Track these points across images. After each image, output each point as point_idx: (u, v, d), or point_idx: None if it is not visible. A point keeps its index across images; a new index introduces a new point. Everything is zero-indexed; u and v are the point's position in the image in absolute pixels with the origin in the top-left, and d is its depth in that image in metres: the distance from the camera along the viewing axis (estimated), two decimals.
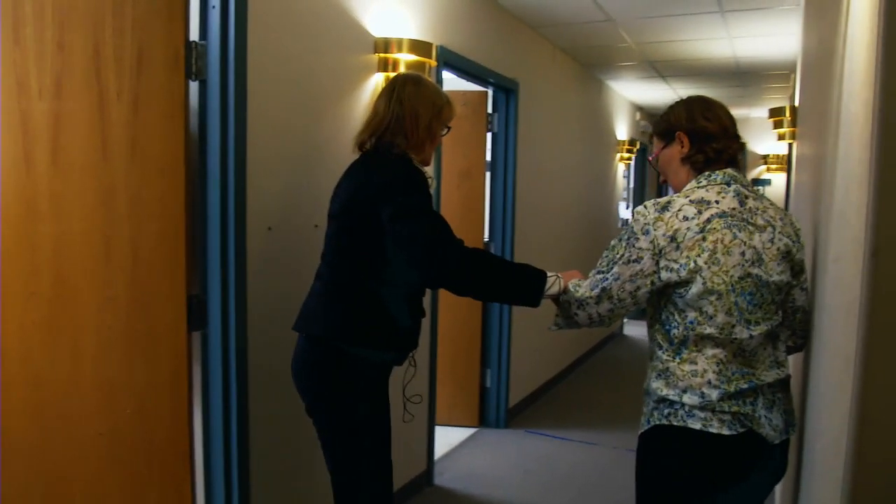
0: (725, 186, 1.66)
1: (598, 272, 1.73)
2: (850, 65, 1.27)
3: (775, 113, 4.97)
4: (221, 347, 2.26)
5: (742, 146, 1.78)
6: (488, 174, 4.56)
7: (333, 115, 2.69)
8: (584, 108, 6.30)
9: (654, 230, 1.62)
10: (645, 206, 1.67)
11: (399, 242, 1.87)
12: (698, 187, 1.68)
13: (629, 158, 7.77)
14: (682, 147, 1.74)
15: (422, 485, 3.58)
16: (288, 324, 2.48)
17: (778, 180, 8.07)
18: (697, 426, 1.60)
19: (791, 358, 2.09)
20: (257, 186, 2.30)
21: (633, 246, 1.64)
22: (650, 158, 1.91)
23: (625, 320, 8.36)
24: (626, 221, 8.36)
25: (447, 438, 4.32)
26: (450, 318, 4.24)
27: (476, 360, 4.54)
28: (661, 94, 7.34)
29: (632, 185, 8.73)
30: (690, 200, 1.64)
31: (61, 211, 2.12)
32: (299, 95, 2.50)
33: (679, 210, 1.62)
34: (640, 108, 8.47)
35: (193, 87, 2.18)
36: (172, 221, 2.17)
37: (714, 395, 1.59)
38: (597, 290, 1.70)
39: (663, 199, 1.67)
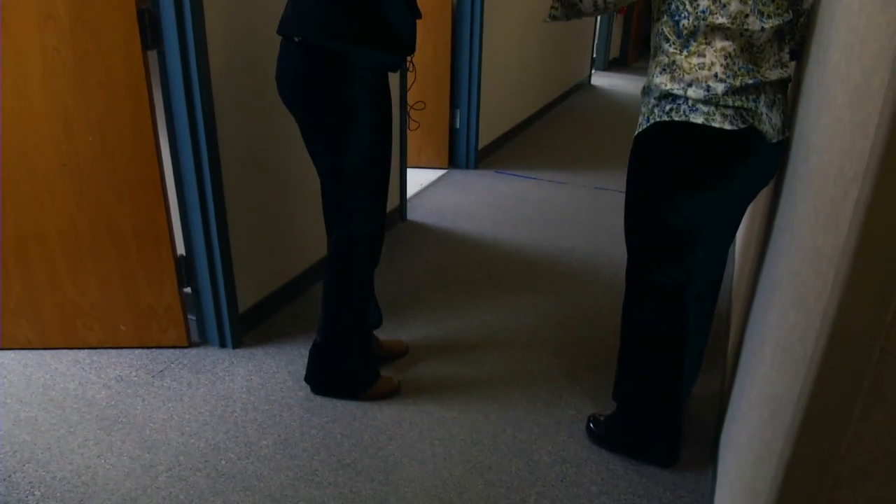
0: None
1: None
2: None
3: None
4: (181, 66, 2.07)
5: None
6: None
7: None
8: None
9: None
10: None
11: None
12: None
13: None
14: None
15: (395, 220, 3.62)
16: (252, 41, 2.29)
17: None
18: (700, 120, 1.59)
19: None
20: None
21: None
22: None
23: (593, 71, 8.17)
24: None
25: (417, 179, 4.32)
26: (418, 56, 4.02)
27: (445, 101, 4.40)
28: None
29: None
30: None
31: None
32: None
33: None
34: None
35: None
36: None
37: (720, 88, 1.56)
38: None
39: None
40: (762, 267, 1.82)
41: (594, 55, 8.37)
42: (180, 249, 2.35)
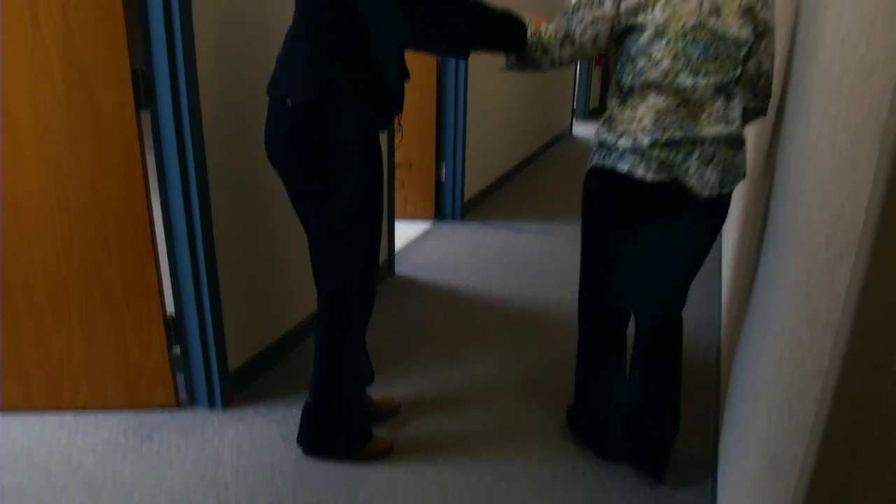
0: None
1: (564, 16, 1.78)
2: None
3: None
4: (174, 127, 2.09)
5: None
6: None
7: None
8: None
9: None
10: None
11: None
12: None
13: None
14: None
15: (383, 274, 3.63)
16: (244, 99, 2.32)
17: None
18: (625, 168, 1.75)
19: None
20: None
21: None
22: None
23: (574, 119, 8.33)
24: None
25: (404, 231, 4.34)
26: (404, 109, 4.08)
27: (431, 154, 4.46)
28: None
29: None
30: None
31: None
32: None
33: None
34: None
35: None
36: None
37: (645, 140, 1.71)
38: (561, 34, 1.77)
39: None
40: (748, 310, 1.84)
41: (574, 105, 8.54)
42: (170, 308, 2.33)
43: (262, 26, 2.36)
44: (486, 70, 4.78)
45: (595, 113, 9.54)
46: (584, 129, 8.35)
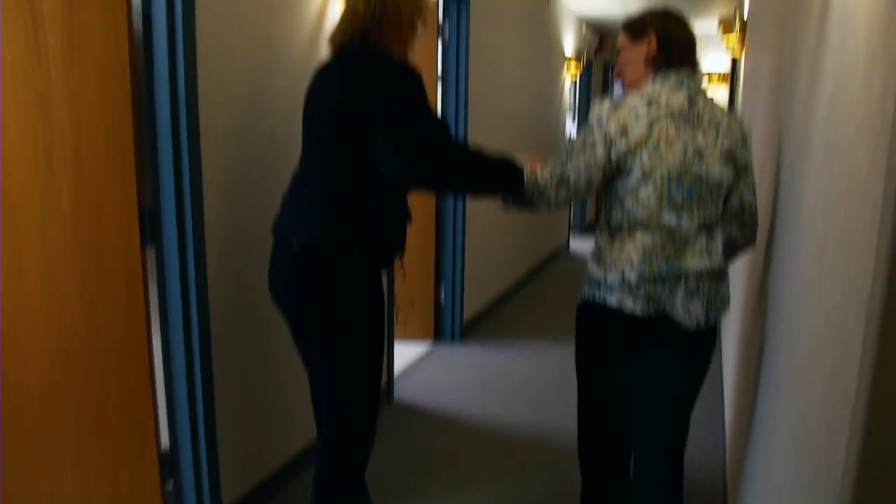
0: (677, 87, 1.79)
1: (558, 160, 1.86)
2: None
3: (725, 25, 4.95)
4: (179, 263, 2.14)
5: (697, 62, 1.91)
6: (439, 85, 4.42)
7: (289, 11, 2.51)
8: (533, 19, 6.14)
9: (608, 123, 1.76)
10: (601, 103, 1.81)
11: (398, 142, 1.80)
12: (652, 87, 1.80)
13: (576, 72, 7.69)
14: (650, 47, 1.84)
15: (382, 401, 3.58)
16: (248, 235, 2.38)
17: (719, 93, 8.15)
18: (614, 303, 1.81)
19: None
20: (208, 88, 2.14)
21: (589, 137, 1.78)
22: (612, 53, 2.02)
23: (571, 236, 8.47)
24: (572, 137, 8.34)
25: (403, 354, 4.32)
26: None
27: (430, 275, 4.51)
28: (609, 5, 7.22)
29: (577, 99, 8.67)
30: (643, 99, 1.77)
31: None
32: None
33: (632, 107, 1.76)
34: (586, 22, 8.33)
35: None
36: (118, 126, 2.01)
37: (633, 276, 1.77)
38: (556, 178, 1.84)
39: (617, 98, 1.81)
40: (748, 454, 1.81)
41: (571, 220, 8.70)
42: (164, 441, 2.30)
43: (270, 164, 2.45)
44: None
45: (592, 228, 9.71)
46: (580, 245, 8.47)
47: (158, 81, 2.02)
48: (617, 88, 2.04)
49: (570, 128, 8.13)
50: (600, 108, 1.80)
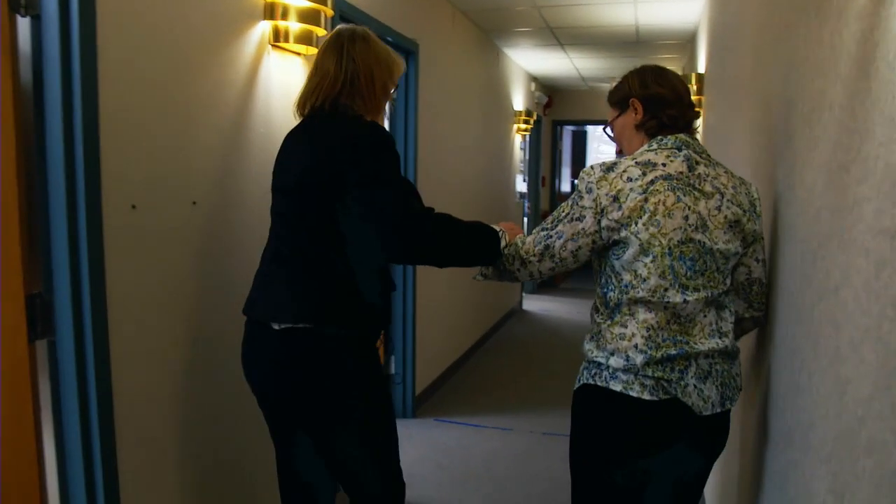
0: (676, 151, 1.63)
1: (543, 229, 1.71)
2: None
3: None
4: (75, 359, 1.79)
5: (697, 114, 1.69)
6: None
7: (210, 67, 2.22)
8: (483, 75, 6.02)
9: (598, 189, 1.60)
10: (591, 167, 1.65)
11: (367, 212, 1.69)
12: (648, 150, 1.66)
13: (526, 130, 7.59)
14: (636, 114, 1.72)
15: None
16: (165, 325, 2.05)
17: None
18: (618, 388, 1.58)
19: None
20: (114, 152, 1.83)
21: (577, 204, 1.63)
22: (605, 129, 1.87)
23: (523, 294, 8.25)
24: (523, 195, 8.21)
25: None
26: None
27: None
28: (558, 63, 7.19)
29: (527, 156, 8.57)
30: (637, 162, 1.61)
31: None
32: (166, 42, 2.02)
33: (624, 171, 1.60)
34: (535, 79, 8.30)
35: (24, 24, 1.68)
36: (1, 200, 1.68)
37: (639, 359, 1.56)
38: (539, 248, 1.69)
39: (610, 161, 1.65)
40: None
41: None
42: None
43: (194, 237, 2.13)
44: None
45: (545, 285, 9.51)
46: (535, 303, 8.25)
47: (51, 147, 1.71)
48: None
49: (521, 187, 7.99)
50: (590, 172, 1.63)
